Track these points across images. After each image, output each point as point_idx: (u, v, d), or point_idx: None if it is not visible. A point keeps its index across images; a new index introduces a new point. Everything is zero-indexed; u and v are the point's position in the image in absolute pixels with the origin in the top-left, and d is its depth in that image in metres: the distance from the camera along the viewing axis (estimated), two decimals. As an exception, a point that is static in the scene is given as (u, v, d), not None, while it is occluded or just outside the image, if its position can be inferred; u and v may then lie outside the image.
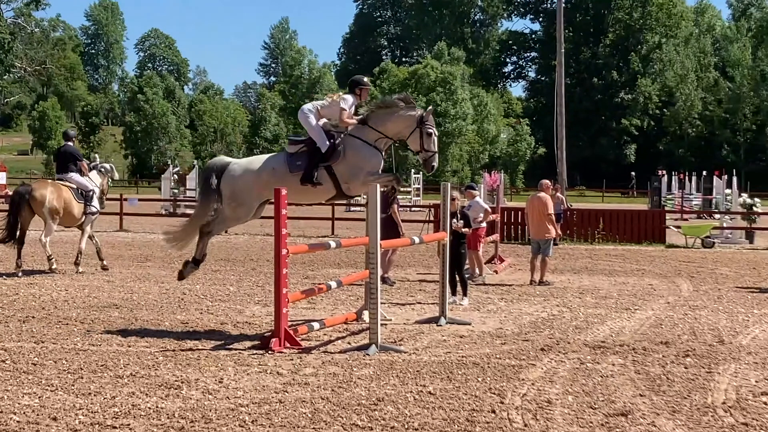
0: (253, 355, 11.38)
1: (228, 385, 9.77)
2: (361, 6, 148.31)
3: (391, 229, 16.04)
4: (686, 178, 63.90)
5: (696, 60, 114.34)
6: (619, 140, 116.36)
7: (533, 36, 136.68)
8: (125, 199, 38.24)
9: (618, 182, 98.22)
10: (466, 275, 17.54)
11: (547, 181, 21.60)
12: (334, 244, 13.58)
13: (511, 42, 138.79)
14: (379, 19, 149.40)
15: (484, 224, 20.75)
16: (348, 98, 13.79)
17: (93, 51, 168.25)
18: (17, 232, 19.79)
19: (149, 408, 8.78)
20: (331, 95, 14.29)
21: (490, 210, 22.07)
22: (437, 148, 13.79)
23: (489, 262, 22.80)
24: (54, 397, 9.17)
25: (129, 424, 8.23)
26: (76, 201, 20.50)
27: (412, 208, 47.94)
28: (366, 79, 14.42)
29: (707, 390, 9.79)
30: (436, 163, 13.77)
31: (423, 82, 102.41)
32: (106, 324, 13.72)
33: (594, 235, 31.88)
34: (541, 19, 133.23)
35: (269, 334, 12.08)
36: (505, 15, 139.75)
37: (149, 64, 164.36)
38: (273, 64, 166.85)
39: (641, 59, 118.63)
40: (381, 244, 12.16)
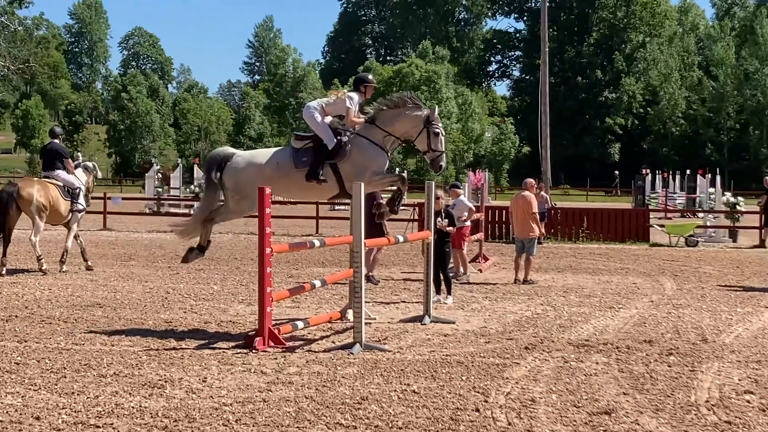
0: (237, 354, 11.36)
1: (212, 384, 9.75)
2: (345, 5, 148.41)
3: (375, 228, 16.03)
4: (670, 176, 63.99)
5: (680, 59, 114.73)
6: (603, 139, 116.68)
7: (517, 35, 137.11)
8: (109, 198, 38.11)
9: (602, 181, 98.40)
10: (451, 274, 17.54)
11: (532, 180, 21.64)
12: (318, 243, 13.55)
13: (495, 41, 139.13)
14: (364, 18, 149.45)
15: (468, 223, 20.77)
16: (353, 96, 13.71)
17: (77, 49, 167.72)
18: (4, 231, 19.68)
19: (133, 407, 8.75)
20: (335, 92, 14.18)
21: (475, 209, 22.09)
22: (444, 148, 13.78)
23: (473, 261, 22.82)
24: (37, 397, 9.13)
25: (112, 424, 8.20)
26: (63, 199, 20.40)
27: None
28: (371, 77, 14.39)
29: (690, 388, 9.81)
30: (443, 163, 13.75)
31: (407, 81, 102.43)
32: (90, 323, 13.67)
33: (578, 233, 31.95)
34: (525, 18, 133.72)
35: (253, 333, 12.07)
36: (490, 14, 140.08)
37: (133, 63, 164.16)
38: (257, 63, 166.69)
39: (625, 58, 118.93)
40: (365, 243, 12.16)
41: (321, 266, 22.41)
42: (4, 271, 19.48)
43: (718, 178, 37.92)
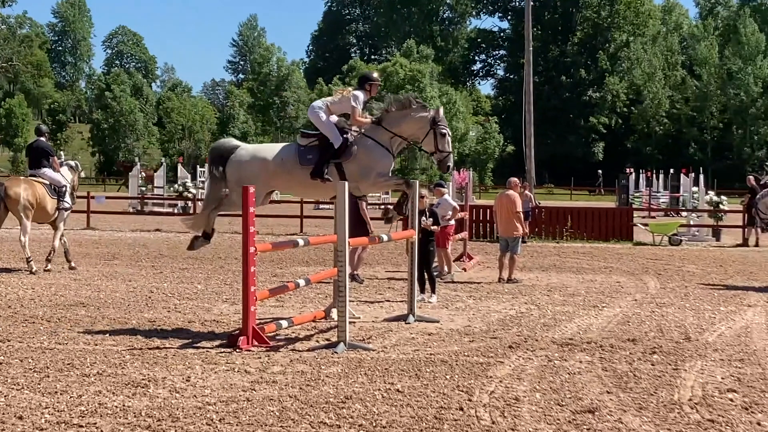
0: (221, 353, 11.33)
1: (195, 383, 9.72)
2: (329, 3, 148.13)
3: (359, 227, 16.01)
4: (654, 175, 64.26)
5: (663, 58, 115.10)
6: (587, 138, 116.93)
7: (502, 34, 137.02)
8: (92, 197, 37.98)
9: (586, 180, 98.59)
10: (435, 273, 17.55)
11: (516, 179, 21.67)
12: (302, 242, 13.52)
13: (479, 40, 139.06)
14: (348, 17, 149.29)
15: (452, 222, 20.77)
16: (359, 95, 13.60)
17: (60, 48, 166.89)
18: None
19: (116, 407, 8.72)
20: (341, 90, 14.03)
21: (459, 208, 22.11)
22: (451, 148, 13.75)
23: (457, 260, 22.84)
24: (20, 396, 9.09)
25: (96, 423, 8.17)
26: (50, 197, 20.33)
27: (381, 206, 47.85)
28: (376, 75, 14.31)
29: (674, 387, 9.83)
30: (451, 163, 13.73)
31: (392, 80, 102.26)
32: (73, 322, 13.62)
33: (562, 232, 31.99)
34: (509, 18, 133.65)
35: (237, 332, 12.04)
36: (474, 13, 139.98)
37: (117, 62, 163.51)
38: (241, 62, 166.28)
39: (609, 57, 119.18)
40: (349, 242, 12.15)
41: (305, 265, 22.40)
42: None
43: (702, 177, 38.07)
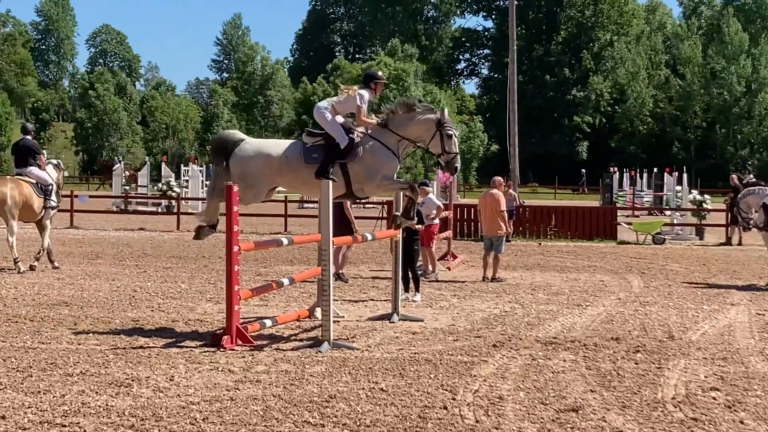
0: (205, 352, 11.32)
1: (179, 382, 9.71)
2: (314, 2, 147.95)
3: (344, 226, 16.00)
4: (637, 174, 64.40)
5: (647, 58, 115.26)
6: (571, 137, 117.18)
7: (486, 33, 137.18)
8: (76, 196, 37.90)
9: (570, 179, 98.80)
10: (419, 272, 17.56)
11: (500, 178, 21.71)
12: (286, 241, 13.50)
13: (464, 39, 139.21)
14: (332, 16, 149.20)
15: (437, 221, 20.76)
16: (364, 94, 13.49)
17: (43, 47, 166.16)
18: None
19: (99, 406, 8.70)
20: (346, 89, 13.87)
21: (443, 207, 22.10)
22: (458, 149, 13.72)
23: (442, 259, 22.85)
24: (3, 396, 9.06)
25: (79, 423, 8.15)
26: (37, 196, 20.27)
27: (365, 205, 47.82)
28: (381, 73, 14.23)
29: (657, 385, 9.86)
30: (458, 164, 13.68)
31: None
32: (56, 321, 13.58)
33: (546, 231, 32.03)
34: (493, 17, 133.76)
35: (221, 331, 12.02)
36: (458, 12, 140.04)
37: (100, 60, 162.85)
38: (225, 61, 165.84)
39: (593, 57, 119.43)
40: (333, 241, 12.14)
41: (289, 264, 22.38)
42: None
43: (685, 176, 38.22)
